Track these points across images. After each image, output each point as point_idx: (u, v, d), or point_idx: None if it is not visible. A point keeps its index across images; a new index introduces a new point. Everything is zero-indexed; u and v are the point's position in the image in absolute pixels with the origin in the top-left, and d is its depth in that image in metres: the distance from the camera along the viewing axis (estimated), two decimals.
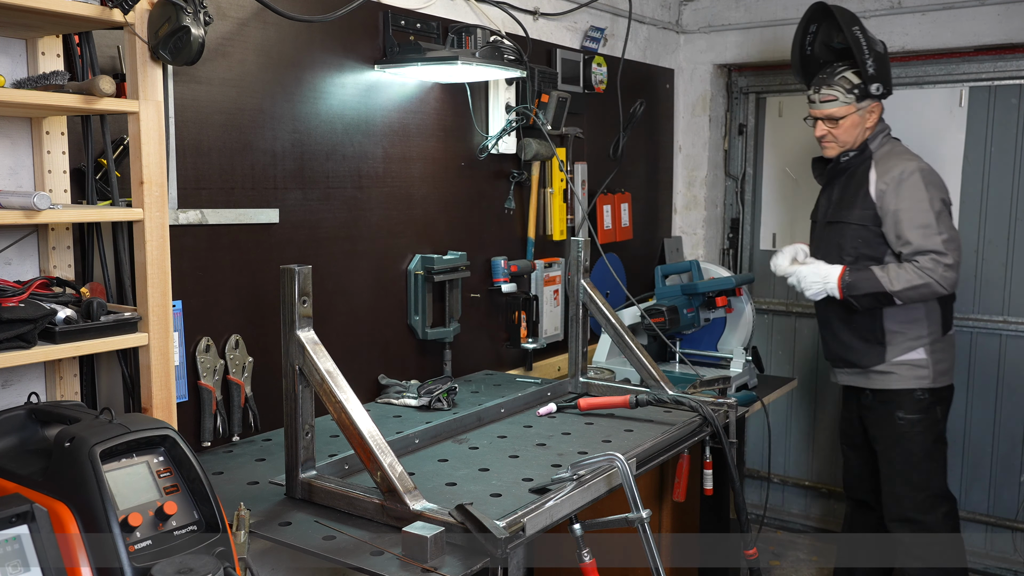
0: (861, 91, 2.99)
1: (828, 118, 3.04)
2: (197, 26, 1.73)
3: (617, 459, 1.93)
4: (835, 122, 3.02)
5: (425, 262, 2.85)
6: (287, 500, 1.92)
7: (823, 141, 3.09)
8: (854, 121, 3.02)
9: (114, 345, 1.78)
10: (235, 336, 2.33)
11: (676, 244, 4.37)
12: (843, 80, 3.00)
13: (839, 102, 3.00)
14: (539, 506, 1.81)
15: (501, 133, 3.08)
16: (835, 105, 3.01)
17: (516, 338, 3.25)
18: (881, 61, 2.98)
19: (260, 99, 2.38)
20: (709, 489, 2.53)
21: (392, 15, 2.72)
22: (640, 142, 4.07)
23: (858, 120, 3.02)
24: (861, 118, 3.02)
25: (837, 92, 3.00)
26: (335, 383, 1.85)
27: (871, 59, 2.95)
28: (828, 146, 3.09)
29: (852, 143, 3.05)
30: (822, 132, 3.07)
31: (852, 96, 2.99)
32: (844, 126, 3.02)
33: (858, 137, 3.04)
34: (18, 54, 1.85)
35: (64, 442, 1.46)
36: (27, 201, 1.61)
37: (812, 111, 3.08)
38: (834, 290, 2.98)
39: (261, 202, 2.40)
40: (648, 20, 4.03)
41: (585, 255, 2.81)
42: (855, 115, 3.01)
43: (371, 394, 2.73)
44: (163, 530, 1.46)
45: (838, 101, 3.00)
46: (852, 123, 3.02)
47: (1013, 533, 3.89)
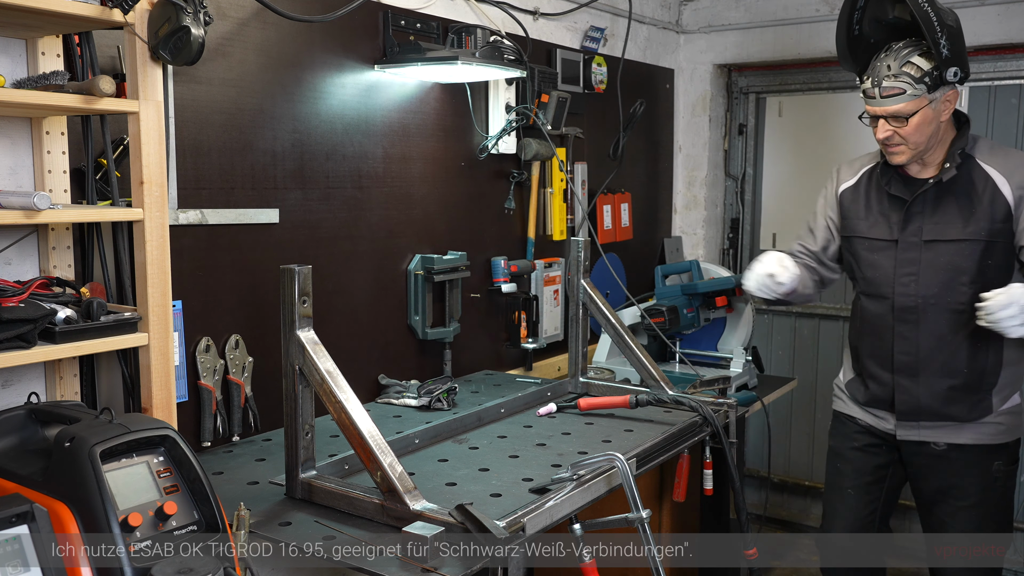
0: (934, 79, 2.31)
1: (894, 116, 2.35)
2: (197, 26, 1.73)
3: (617, 459, 1.93)
4: (903, 120, 2.35)
5: (425, 262, 2.85)
6: (287, 500, 1.92)
7: (889, 145, 2.41)
8: (926, 117, 2.34)
9: (114, 345, 1.78)
10: (235, 336, 2.33)
11: (676, 244, 4.37)
12: (910, 67, 2.32)
13: (907, 95, 2.31)
14: (539, 506, 1.81)
15: (501, 133, 3.08)
16: (902, 100, 2.32)
17: (516, 338, 3.25)
18: (956, 38, 2.31)
19: (260, 99, 2.38)
20: (709, 489, 2.53)
21: (392, 15, 2.72)
22: (640, 142, 4.07)
23: (931, 115, 2.34)
24: (935, 112, 2.35)
25: (904, 83, 2.31)
26: (335, 383, 1.85)
27: (944, 36, 2.27)
28: (896, 151, 2.40)
29: (924, 144, 2.39)
30: (886, 133, 2.38)
31: (923, 86, 2.31)
32: (915, 124, 2.34)
33: (931, 136, 2.38)
34: (18, 54, 1.85)
35: (64, 442, 1.46)
36: (27, 201, 1.61)
37: (871, 108, 2.39)
38: None
39: (261, 202, 2.40)
40: (648, 20, 4.03)
41: (585, 255, 2.81)
42: (928, 109, 2.33)
43: (371, 394, 2.73)
44: (163, 530, 1.46)
45: (906, 95, 2.31)
46: (924, 119, 2.34)
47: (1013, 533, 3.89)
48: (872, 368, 2.58)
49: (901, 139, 2.38)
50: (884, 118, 2.38)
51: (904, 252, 2.47)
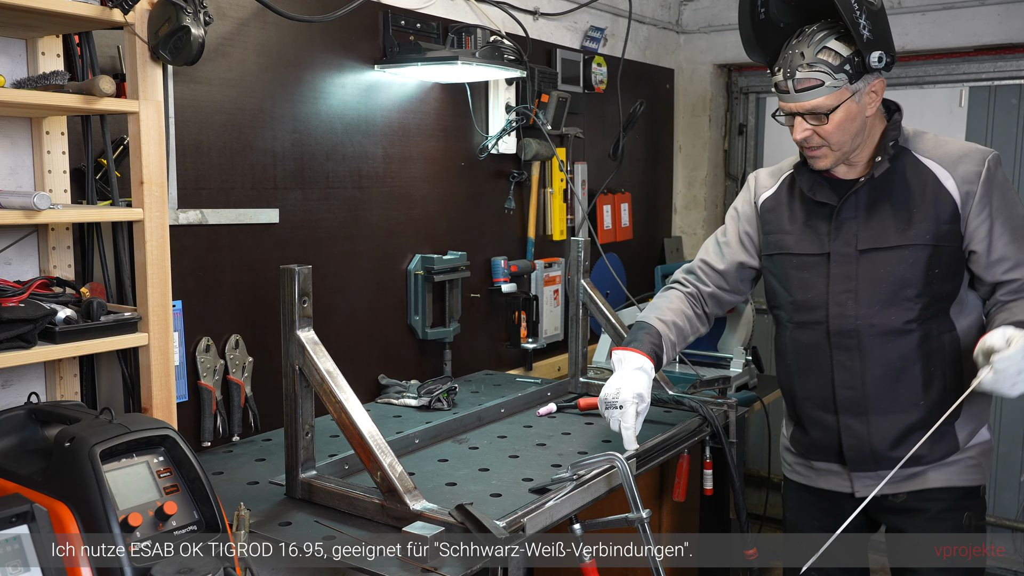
0: (856, 66, 1.96)
1: (812, 113, 1.98)
2: (197, 26, 1.73)
3: (617, 459, 1.93)
4: (822, 117, 1.98)
5: (425, 262, 2.85)
6: (287, 500, 1.92)
7: (808, 148, 2.05)
8: (850, 112, 1.98)
9: (114, 345, 1.78)
10: (235, 336, 2.33)
11: (676, 244, 4.37)
12: (827, 53, 1.96)
13: (826, 88, 1.95)
14: (539, 506, 1.81)
15: (501, 133, 3.08)
16: (821, 93, 1.96)
17: (516, 338, 3.25)
18: (877, 17, 1.96)
19: (260, 99, 2.38)
20: (709, 489, 2.53)
21: (392, 15, 2.72)
22: (640, 142, 4.07)
23: (855, 110, 1.98)
24: (860, 106, 1.99)
25: (821, 73, 1.95)
26: (335, 383, 1.85)
27: (863, 16, 1.92)
28: (817, 154, 2.05)
29: (849, 143, 2.03)
30: (804, 133, 2.01)
31: (844, 76, 1.95)
32: (837, 121, 1.98)
33: (857, 134, 2.03)
34: (18, 54, 1.85)
35: (64, 442, 1.46)
36: (27, 201, 1.61)
37: (785, 104, 2.04)
38: None
39: (261, 202, 2.40)
40: (648, 20, 4.03)
41: (585, 255, 2.81)
42: (851, 103, 1.97)
43: (371, 394, 2.73)
44: (163, 530, 1.46)
45: (824, 87, 1.95)
46: (848, 115, 1.98)
47: (1013, 533, 3.89)
48: (812, 412, 2.19)
49: (822, 139, 2.02)
50: (801, 115, 2.01)
51: (838, 266, 2.09)
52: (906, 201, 2.05)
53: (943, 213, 2.02)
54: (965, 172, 2.02)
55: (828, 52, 1.96)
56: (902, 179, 2.06)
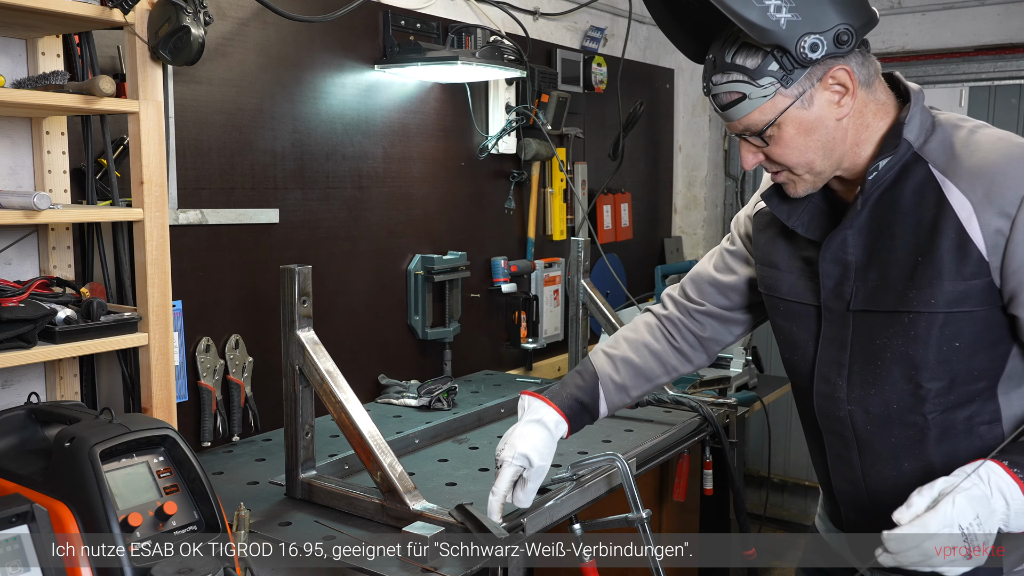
0: (785, 63, 1.39)
1: (748, 132, 1.48)
2: (197, 26, 1.73)
3: (617, 459, 1.93)
4: (761, 138, 1.47)
5: (425, 262, 2.85)
6: (287, 500, 1.92)
7: (771, 174, 1.56)
8: (802, 124, 1.44)
9: (114, 345, 1.78)
10: (235, 336, 2.33)
11: (676, 244, 4.37)
12: (743, 55, 1.41)
13: (749, 101, 1.43)
14: (539, 506, 1.81)
15: (501, 133, 3.08)
16: (744, 109, 1.44)
17: (516, 338, 3.25)
18: None
19: (260, 99, 2.38)
20: (709, 489, 2.54)
21: (392, 15, 2.72)
22: (640, 142, 4.07)
23: (811, 119, 1.43)
24: (818, 112, 1.43)
25: (739, 83, 1.42)
26: (335, 383, 1.85)
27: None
28: (781, 180, 1.54)
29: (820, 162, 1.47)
30: (753, 161, 1.53)
31: (769, 80, 1.40)
32: (786, 139, 1.45)
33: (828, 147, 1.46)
34: (18, 54, 1.85)
35: (64, 442, 1.46)
36: (27, 201, 1.61)
37: (727, 127, 1.55)
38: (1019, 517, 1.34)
39: (261, 202, 2.40)
40: (648, 20, 4.03)
41: (585, 255, 2.81)
42: (797, 112, 1.42)
43: (371, 394, 2.73)
44: (163, 530, 1.46)
45: (746, 100, 1.43)
46: (799, 128, 1.44)
47: None
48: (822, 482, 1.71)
49: (777, 164, 1.51)
50: (741, 136, 1.51)
51: (829, 326, 1.54)
52: (912, 242, 1.44)
53: (963, 263, 1.40)
54: (1000, 199, 1.37)
55: (744, 52, 1.41)
56: (913, 206, 1.45)
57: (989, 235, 1.37)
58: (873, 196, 1.48)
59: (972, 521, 1.29)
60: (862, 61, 1.48)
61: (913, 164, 1.45)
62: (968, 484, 1.30)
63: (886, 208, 1.47)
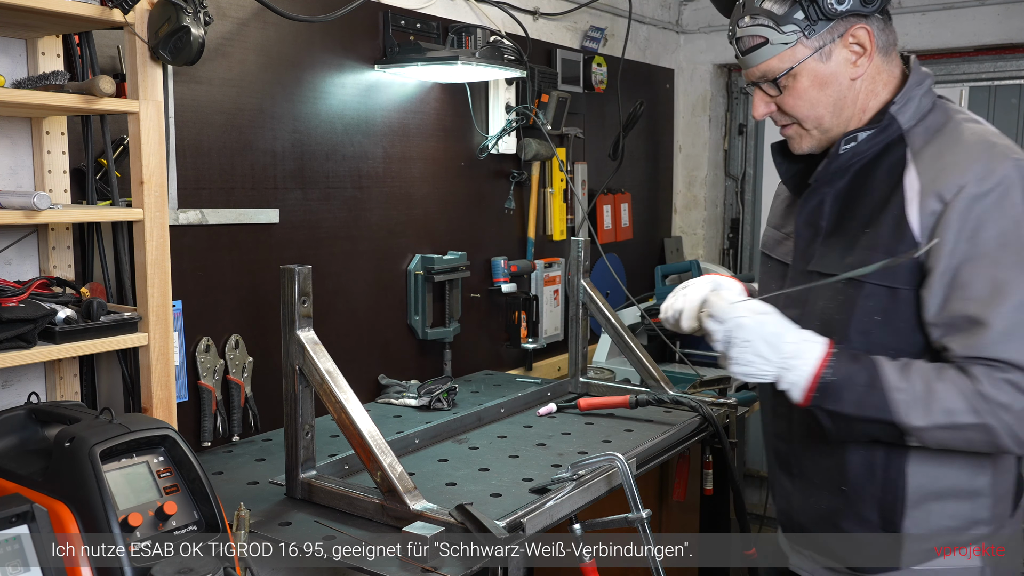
0: (811, 13, 1.47)
1: (765, 79, 1.55)
2: (197, 26, 1.73)
3: (617, 459, 1.93)
4: (776, 86, 1.54)
5: (425, 262, 2.85)
6: (287, 500, 1.92)
7: (780, 127, 1.63)
8: (816, 76, 1.51)
9: (114, 345, 1.78)
10: (235, 336, 2.33)
11: (676, 244, 4.37)
12: (770, 1, 1.50)
13: (771, 46, 1.50)
14: (539, 506, 1.81)
15: (501, 133, 3.08)
16: (765, 55, 1.51)
17: (516, 338, 3.25)
18: None
19: (260, 99, 2.38)
20: (709, 489, 2.53)
21: (392, 15, 2.72)
22: (640, 142, 4.07)
23: (824, 72, 1.50)
24: (831, 66, 1.50)
25: (764, 28, 1.50)
26: (335, 383, 1.85)
27: None
28: (789, 134, 1.62)
29: (828, 119, 1.55)
30: (765, 111, 1.60)
31: (793, 28, 1.48)
32: (799, 89, 1.52)
33: (837, 104, 1.54)
34: (18, 54, 1.85)
35: (64, 442, 1.46)
36: (27, 201, 1.61)
37: (743, 72, 1.63)
38: (799, 385, 1.47)
39: (261, 202, 2.40)
40: (648, 20, 4.03)
41: (585, 255, 2.81)
42: (814, 63, 1.50)
43: (371, 394, 2.73)
44: (163, 530, 1.46)
45: (768, 45, 1.50)
46: (814, 80, 1.51)
47: None
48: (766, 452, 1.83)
49: (787, 116, 1.57)
50: (757, 85, 1.58)
51: (792, 285, 1.63)
52: (867, 214, 1.53)
53: (897, 240, 1.47)
54: (942, 185, 1.44)
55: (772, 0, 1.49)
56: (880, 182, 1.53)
57: (925, 217, 1.44)
58: (855, 166, 1.55)
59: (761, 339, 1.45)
60: (882, 26, 1.53)
61: (896, 144, 1.52)
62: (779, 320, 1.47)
63: (862, 181, 1.55)
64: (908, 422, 1.41)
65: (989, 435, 1.39)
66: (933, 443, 1.44)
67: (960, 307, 1.41)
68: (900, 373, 1.43)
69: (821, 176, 1.58)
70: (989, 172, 1.41)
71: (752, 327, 1.45)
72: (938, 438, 1.43)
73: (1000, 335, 1.38)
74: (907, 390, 1.41)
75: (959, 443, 1.44)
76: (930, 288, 1.44)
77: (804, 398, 1.46)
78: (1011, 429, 1.38)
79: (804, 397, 1.46)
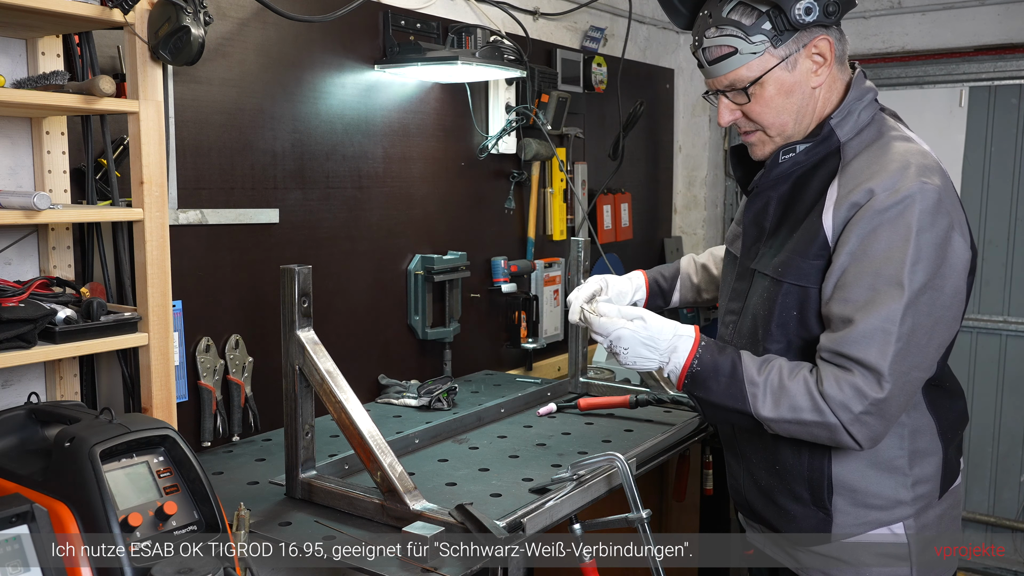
0: (779, 24, 1.55)
1: (732, 89, 1.63)
2: (197, 26, 1.73)
3: (617, 459, 1.93)
4: (744, 94, 1.62)
5: (425, 262, 2.85)
6: (287, 500, 1.92)
7: (742, 133, 1.71)
8: (782, 85, 1.59)
9: (114, 345, 1.78)
10: (235, 336, 2.33)
11: (676, 244, 4.37)
12: (740, 11, 1.57)
13: (740, 56, 1.58)
14: (539, 506, 1.81)
15: (501, 133, 3.08)
16: (734, 64, 1.59)
17: (516, 338, 3.25)
18: None
19: (260, 99, 2.38)
20: (709, 489, 2.54)
21: (392, 15, 2.72)
22: (640, 142, 4.07)
23: (790, 81, 1.59)
24: (797, 75, 1.60)
25: (732, 38, 1.57)
26: (335, 383, 1.85)
27: None
28: (751, 140, 1.70)
29: (791, 126, 1.64)
30: (730, 118, 1.67)
31: (762, 38, 1.56)
32: (766, 97, 1.60)
33: (801, 112, 1.63)
34: (18, 54, 1.85)
35: (64, 442, 1.46)
36: (27, 201, 1.61)
37: (706, 83, 1.70)
38: (675, 373, 1.65)
39: (261, 202, 2.40)
40: (648, 20, 4.03)
41: (585, 255, 2.81)
42: (780, 73, 1.58)
43: (371, 394, 2.73)
44: (163, 530, 1.46)
45: (737, 55, 1.58)
46: (780, 88, 1.60)
47: (1013, 533, 3.89)
48: None
49: (752, 123, 1.65)
50: (722, 93, 1.65)
51: (737, 280, 1.79)
52: (797, 219, 1.65)
53: (811, 243, 1.59)
54: (856, 192, 1.55)
55: (741, 9, 1.56)
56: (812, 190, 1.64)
57: (838, 222, 1.56)
58: (796, 173, 1.67)
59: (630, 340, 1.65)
60: (839, 37, 1.63)
61: (832, 156, 1.63)
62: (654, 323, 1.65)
63: (800, 188, 1.66)
64: (760, 413, 1.57)
65: (830, 432, 1.54)
66: (784, 433, 1.60)
67: (839, 308, 1.55)
68: (758, 368, 1.59)
69: (761, 183, 1.71)
70: (897, 188, 1.51)
71: (628, 336, 1.64)
72: (787, 430, 1.58)
73: (860, 335, 1.50)
74: (760, 384, 1.57)
75: (806, 436, 1.58)
76: (828, 280, 1.57)
77: (679, 385, 1.65)
78: (849, 428, 1.52)
79: (679, 384, 1.65)
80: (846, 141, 1.63)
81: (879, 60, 3.84)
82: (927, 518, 1.69)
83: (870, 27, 3.85)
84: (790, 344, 1.64)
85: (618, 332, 1.65)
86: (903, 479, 1.66)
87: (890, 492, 1.66)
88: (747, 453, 1.81)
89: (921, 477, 1.67)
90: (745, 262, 1.75)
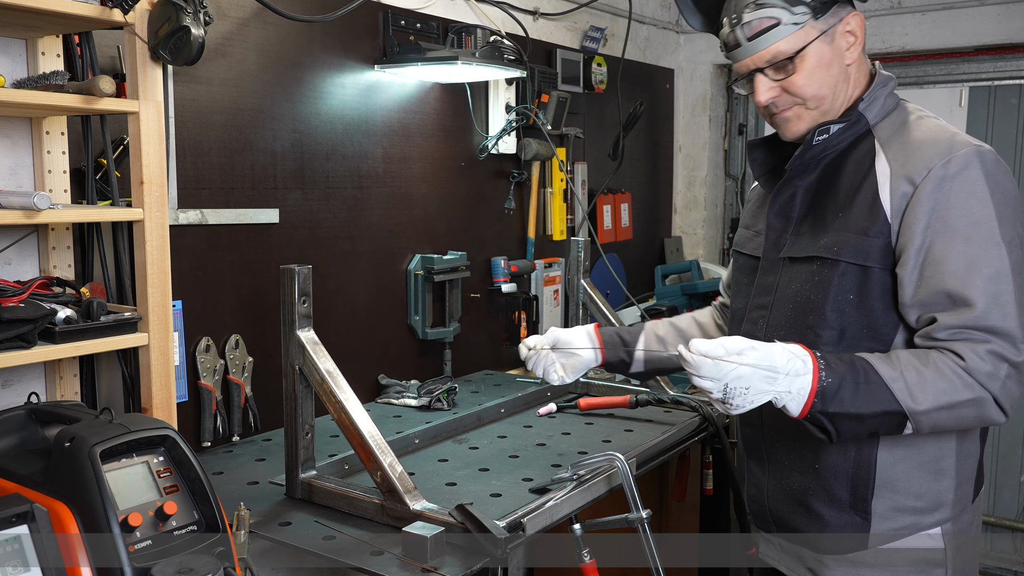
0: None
1: (773, 64, 1.59)
2: (197, 26, 1.73)
3: (617, 459, 1.93)
4: (787, 66, 1.58)
5: (425, 262, 2.85)
6: (287, 500, 1.92)
7: (778, 112, 1.64)
8: (823, 56, 1.57)
9: (114, 345, 1.78)
10: (235, 336, 2.33)
11: (676, 244, 4.37)
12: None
13: (783, 27, 1.55)
14: (539, 506, 1.81)
15: (501, 133, 3.08)
16: (778, 35, 1.56)
17: (516, 338, 3.25)
18: None
19: (260, 99, 2.38)
20: (709, 489, 2.53)
21: (392, 15, 2.72)
22: (640, 142, 4.07)
23: (829, 53, 1.58)
24: (834, 48, 1.58)
25: (776, 10, 1.55)
26: (335, 383, 1.85)
27: None
28: (789, 115, 1.64)
29: (829, 98, 1.61)
30: (770, 93, 1.61)
31: (804, 9, 1.55)
32: (808, 68, 1.57)
33: (838, 85, 1.61)
34: (18, 54, 1.85)
35: (64, 442, 1.46)
36: (27, 201, 1.61)
37: (739, 65, 1.63)
38: (799, 399, 1.44)
39: (261, 202, 2.40)
40: (648, 20, 4.03)
41: (585, 255, 2.81)
42: (822, 44, 1.57)
43: (371, 394, 2.73)
44: (163, 530, 1.46)
45: (781, 26, 1.55)
46: (821, 60, 1.57)
47: (1013, 533, 3.89)
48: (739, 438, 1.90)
49: (792, 97, 1.60)
50: (760, 71, 1.60)
51: (763, 275, 1.71)
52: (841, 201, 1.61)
53: (870, 221, 1.54)
54: (912, 168, 1.53)
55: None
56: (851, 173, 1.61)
57: (896, 199, 1.53)
58: (826, 160, 1.64)
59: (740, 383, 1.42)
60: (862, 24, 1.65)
61: (864, 138, 1.62)
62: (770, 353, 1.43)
63: (832, 173, 1.64)
64: (914, 407, 1.44)
65: (980, 408, 1.45)
66: (929, 427, 1.47)
67: (938, 282, 1.48)
68: (888, 365, 1.47)
69: (796, 164, 1.65)
70: (953, 156, 1.50)
71: (749, 374, 1.41)
72: (935, 421, 1.46)
73: (982, 306, 1.44)
74: (901, 378, 1.45)
75: (952, 422, 1.48)
76: (906, 266, 1.50)
77: (803, 410, 1.45)
78: (999, 398, 1.45)
79: (803, 409, 1.45)
80: (875, 123, 1.63)
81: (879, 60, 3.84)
82: (963, 522, 1.62)
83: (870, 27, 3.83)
84: (844, 332, 1.55)
85: (737, 371, 1.40)
86: (949, 481, 1.60)
87: (934, 493, 1.59)
88: (778, 456, 1.70)
89: (964, 477, 1.62)
90: (770, 255, 1.70)
